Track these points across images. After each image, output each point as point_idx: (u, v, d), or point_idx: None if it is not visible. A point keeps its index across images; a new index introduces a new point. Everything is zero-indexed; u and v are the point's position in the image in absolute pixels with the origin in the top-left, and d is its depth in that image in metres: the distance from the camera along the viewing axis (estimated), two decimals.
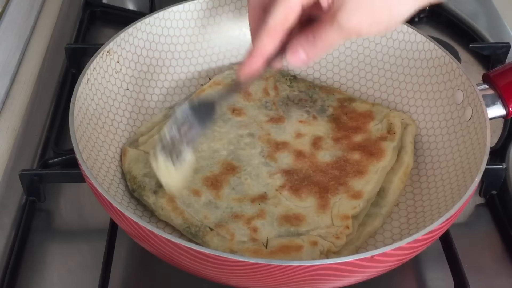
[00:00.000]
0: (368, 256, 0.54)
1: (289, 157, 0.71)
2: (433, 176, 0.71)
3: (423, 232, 0.56)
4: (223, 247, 0.62)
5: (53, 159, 0.77)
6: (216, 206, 0.66)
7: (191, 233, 0.64)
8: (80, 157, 0.61)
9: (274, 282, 0.55)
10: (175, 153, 0.60)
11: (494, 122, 0.74)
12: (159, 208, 0.66)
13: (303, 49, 0.58)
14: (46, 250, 0.71)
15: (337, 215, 0.65)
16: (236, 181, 0.69)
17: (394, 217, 0.69)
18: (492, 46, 0.95)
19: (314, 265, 0.53)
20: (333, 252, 0.63)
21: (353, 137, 0.74)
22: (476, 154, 0.65)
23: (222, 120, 0.75)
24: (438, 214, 0.65)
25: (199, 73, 0.83)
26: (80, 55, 0.91)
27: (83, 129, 0.67)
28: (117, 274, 0.67)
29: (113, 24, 1.01)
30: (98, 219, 0.73)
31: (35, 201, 0.74)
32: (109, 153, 0.70)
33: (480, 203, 0.77)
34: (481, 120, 0.67)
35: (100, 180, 0.65)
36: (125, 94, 0.76)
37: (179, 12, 0.80)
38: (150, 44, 0.79)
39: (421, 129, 0.76)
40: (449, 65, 0.74)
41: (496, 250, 0.72)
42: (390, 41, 0.80)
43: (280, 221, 0.65)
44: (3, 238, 0.71)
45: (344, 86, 0.82)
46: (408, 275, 0.69)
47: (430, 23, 1.03)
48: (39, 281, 0.68)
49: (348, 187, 0.68)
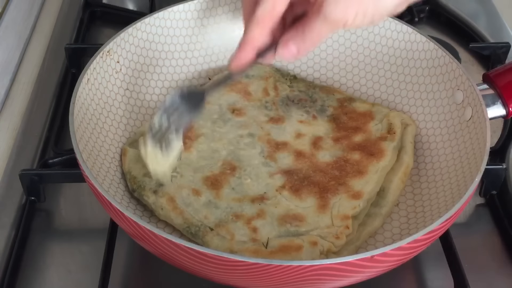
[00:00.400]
0: (368, 256, 0.54)
1: (289, 157, 0.71)
2: (433, 176, 0.71)
3: (423, 232, 0.56)
4: (223, 247, 0.62)
5: (53, 159, 0.77)
6: (216, 206, 0.66)
7: (191, 233, 0.64)
8: (80, 157, 0.61)
9: (274, 282, 0.55)
10: (164, 141, 0.62)
11: (494, 122, 0.74)
12: (159, 208, 0.66)
13: (294, 42, 0.59)
14: (46, 250, 0.71)
15: (337, 215, 0.65)
16: (236, 181, 0.69)
17: (394, 217, 0.69)
18: (492, 46, 0.95)
19: (314, 265, 0.53)
20: (333, 252, 0.63)
21: (353, 137, 0.74)
22: (476, 154, 0.65)
23: (222, 120, 0.75)
24: (438, 214, 0.65)
25: (199, 73, 0.83)
26: (80, 55, 0.91)
27: (83, 129, 0.67)
28: (117, 274, 0.67)
29: (113, 24, 1.01)
30: (98, 219, 0.73)
31: (35, 201, 0.74)
32: (109, 153, 0.70)
33: (480, 203, 0.77)
34: (481, 120, 0.67)
35: (100, 180, 0.65)
36: (125, 94, 0.76)
37: (179, 12, 0.80)
38: (150, 44, 0.79)
39: (421, 129, 0.76)
40: (449, 65, 0.74)
41: (496, 250, 0.72)
42: (390, 41, 0.80)
43: (280, 221, 0.65)
44: (3, 238, 0.71)
45: (344, 86, 0.82)
46: (408, 275, 0.69)
47: (430, 23, 1.03)
48: (39, 281, 0.68)
49: (348, 187, 0.68)
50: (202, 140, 0.72)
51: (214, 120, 0.75)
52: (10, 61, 0.91)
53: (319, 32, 0.58)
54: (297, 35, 0.59)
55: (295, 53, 0.60)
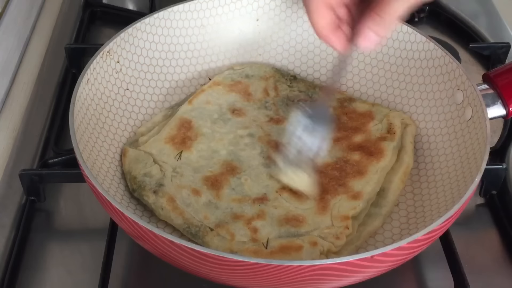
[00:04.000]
0: (368, 256, 0.54)
1: None
2: (433, 176, 0.71)
3: (423, 232, 0.56)
4: (223, 247, 0.62)
5: (53, 159, 0.77)
6: (216, 206, 0.66)
7: (191, 233, 0.64)
8: (80, 157, 0.61)
9: (274, 282, 0.55)
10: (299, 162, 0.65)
11: (494, 122, 0.74)
12: (159, 208, 0.66)
13: (372, 30, 0.59)
14: (46, 250, 0.71)
15: (337, 216, 0.65)
16: (236, 182, 0.69)
17: (394, 217, 0.69)
18: (492, 46, 0.95)
19: (314, 265, 0.53)
20: (333, 252, 0.63)
21: (353, 137, 0.74)
22: (476, 154, 0.65)
23: (222, 120, 0.75)
24: (438, 214, 0.65)
25: (199, 73, 0.83)
26: (80, 55, 0.91)
27: (83, 129, 0.67)
28: (117, 274, 0.67)
29: (113, 24, 1.01)
30: (98, 219, 0.73)
31: (35, 201, 0.74)
32: (109, 153, 0.70)
33: (480, 203, 0.77)
34: (481, 120, 0.67)
35: (100, 180, 0.65)
36: (125, 94, 0.76)
37: (179, 12, 0.80)
38: (150, 44, 0.79)
39: (421, 129, 0.76)
40: (449, 65, 0.74)
41: (496, 250, 0.72)
42: (390, 41, 0.80)
43: (280, 222, 0.65)
44: (3, 238, 0.71)
45: (344, 86, 0.82)
46: (408, 275, 0.69)
47: (430, 23, 1.03)
48: (39, 281, 0.68)
49: (348, 187, 0.68)
50: (202, 140, 0.72)
51: (214, 120, 0.75)
52: (10, 61, 0.91)
53: (398, 11, 0.58)
54: (374, 22, 0.59)
55: (376, 40, 0.60)
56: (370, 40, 0.60)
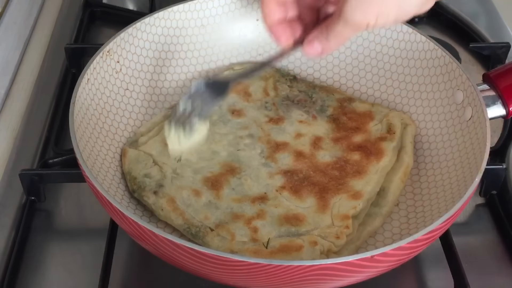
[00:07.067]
0: (368, 256, 0.54)
1: (289, 157, 0.71)
2: (433, 176, 0.71)
3: (423, 232, 0.56)
4: (224, 248, 0.62)
5: (53, 159, 0.77)
6: (216, 206, 0.66)
7: (191, 234, 0.64)
8: (80, 157, 0.61)
9: (274, 282, 0.55)
10: (187, 124, 0.65)
11: (494, 122, 0.74)
12: (159, 208, 0.66)
13: (318, 41, 0.60)
14: (46, 250, 0.71)
15: (337, 215, 0.65)
16: (236, 182, 0.69)
17: (394, 217, 0.69)
18: (492, 46, 0.95)
19: (314, 265, 0.53)
20: (333, 252, 0.63)
21: (353, 137, 0.74)
22: (476, 154, 0.65)
23: (222, 122, 0.75)
24: (438, 214, 0.65)
25: (199, 73, 0.83)
26: (80, 55, 0.91)
27: (83, 129, 0.67)
28: (117, 274, 0.67)
29: (113, 24, 1.01)
30: (98, 219, 0.73)
31: (35, 201, 0.74)
32: (109, 153, 0.70)
33: (480, 203, 0.77)
34: (481, 120, 0.67)
35: (100, 180, 0.65)
36: (125, 94, 0.76)
37: (179, 12, 0.80)
38: (150, 44, 0.79)
39: (421, 129, 0.76)
40: (449, 65, 0.74)
41: (496, 250, 0.72)
42: (390, 41, 0.80)
43: (280, 221, 0.65)
44: (3, 238, 0.71)
45: (344, 86, 0.82)
46: (408, 275, 0.69)
47: (430, 23, 1.03)
48: (39, 281, 0.68)
49: (348, 187, 0.68)
50: (202, 141, 0.72)
51: (214, 121, 0.75)
52: (10, 61, 0.91)
53: (341, 34, 0.58)
54: (321, 35, 0.59)
55: (319, 51, 0.60)
56: (313, 49, 0.60)
